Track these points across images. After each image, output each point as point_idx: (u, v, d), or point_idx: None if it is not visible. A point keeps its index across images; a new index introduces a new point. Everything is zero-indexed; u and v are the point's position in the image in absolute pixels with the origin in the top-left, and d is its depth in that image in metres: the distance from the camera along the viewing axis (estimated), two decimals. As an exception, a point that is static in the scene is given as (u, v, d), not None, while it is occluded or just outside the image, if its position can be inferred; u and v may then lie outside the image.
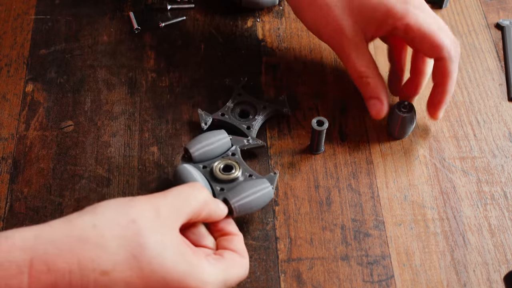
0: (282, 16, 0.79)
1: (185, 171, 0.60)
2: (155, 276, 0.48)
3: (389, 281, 0.59)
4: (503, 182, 0.66)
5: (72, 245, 0.46)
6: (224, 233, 0.57)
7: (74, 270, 0.46)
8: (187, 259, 0.50)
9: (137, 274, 0.47)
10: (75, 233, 0.47)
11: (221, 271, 0.52)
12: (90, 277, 0.46)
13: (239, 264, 0.54)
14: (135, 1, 0.80)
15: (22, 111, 0.70)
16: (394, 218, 0.63)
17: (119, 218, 0.48)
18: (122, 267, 0.47)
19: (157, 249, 0.48)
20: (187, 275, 0.49)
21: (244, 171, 0.62)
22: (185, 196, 0.53)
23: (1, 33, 0.77)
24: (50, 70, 0.74)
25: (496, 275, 0.60)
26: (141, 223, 0.48)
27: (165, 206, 0.51)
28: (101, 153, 0.67)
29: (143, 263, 0.47)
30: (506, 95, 0.73)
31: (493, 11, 0.80)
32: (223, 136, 0.64)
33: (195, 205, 0.53)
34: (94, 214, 0.48)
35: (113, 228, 0.48)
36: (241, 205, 0.58)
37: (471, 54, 0.76)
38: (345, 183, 0.66)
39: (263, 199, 0.59)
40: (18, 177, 0.65)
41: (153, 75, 0.74)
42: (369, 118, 0.70)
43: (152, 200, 0.51)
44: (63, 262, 0.46)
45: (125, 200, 0.50)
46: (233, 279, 0.53)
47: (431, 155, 0.68)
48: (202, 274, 0.50)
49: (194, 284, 0.49)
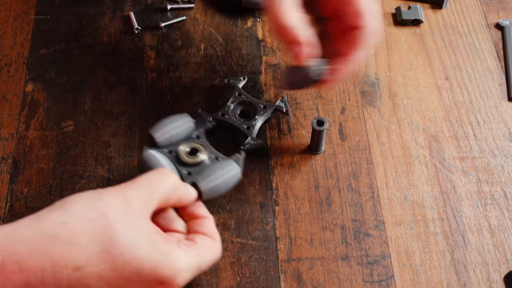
0: (282, 16, 0.79)
1: (151, 157, 0.60)
2: (128, 267, 0.48)
3: (389, 281, 0.59)
4: (503, 182, 0.66)
5: (43, 243, 0.46)
6: (194, 217, 0.57)
7: (46, 268, 0.46)
8: (159, 247, 0.50)
9: (110, 267, 0.48)
10: (45, 231, 0.47)
11: (194, 256, 0.52)
12: (63, 274, 0.47)
13: (211, 247, 0.55)
14: (135, 1, 0.80)
15: (22, 111, 0.70)
16: (394, 218, 0.63)
17: (88, 213, 0.48)
18: (95, 261, 0.47)
19: (129, 240, 0.48)
20: (160, 264, 0.49)
21: (210, 154, 0.62)
22: (154, 182, 0.53)
23: (1, 33, 0.77)
24: (50, 70, 0.74)
25: (496, 275, 0.60)
26: (111, 216, 0.49)
27: (135, 195, 0.51)
28: (101, 153, 0.67)
29: (116, 255, 0.48)
30: (506, 95, 0.73)
31: (493, 11, 0.80)
32: (186, 120, 0.64)
33: (164, 190, 0.53)
34: (63, 210, 0.48)
35: (83, 223, 0.48)
36: (210, 188, 0.58)
37: (471, 54, 0.76)
38: (345, 183, 0.66)
39: (231, 181, 0.60)
40: (18, 177, 0.65)
41: (153, 75, 0.74)
42: (369, 118, 0.70)
43: (121, 190, 0.51)
44: (34, 260, 0.46)
45: (94, 193, 0.51)
46: (206, 263, 0.54)
47: (431, 155, 0.68)
48: (175, 261, 0.50)
49: (168, 272, 0.50)
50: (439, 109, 0.71)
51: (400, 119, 0.70)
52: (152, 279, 0.49)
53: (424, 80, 0.74)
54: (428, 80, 0.74)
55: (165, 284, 0.50)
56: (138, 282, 0.49)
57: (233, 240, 0.62)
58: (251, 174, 0.66)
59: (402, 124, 0.70)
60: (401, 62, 0.75)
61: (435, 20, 0.79)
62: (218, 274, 0.60)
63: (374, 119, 0.70)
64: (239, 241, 0.62)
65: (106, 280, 0.48)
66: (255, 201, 0.64)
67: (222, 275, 0.60)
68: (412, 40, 0.77)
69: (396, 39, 0.77)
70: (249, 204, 0.64)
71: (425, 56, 0.76)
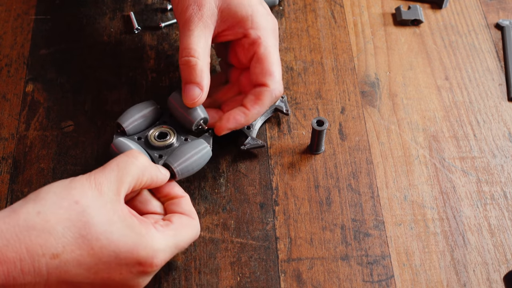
0: (282, 16, 0.79)
1: (120, 143, 0.61)
2: (105, 251, 0.49)
3: (389, 281, 0.60)
4: (503, 182, 0.66)
5: (19, 234, 0.47)
6: (170, 197, 0.58)
7: (24, 258, 0.47)
8: (135, 230, 0.51)
9: (87, 252, 0.49)
10: (20, 223, 0.48)
11: (171, 236, 0.53)
12: (41, 262, 0.48)
13: (189, 226, 0.56)
14: (135, 1, 0.80)
15: (22, 111, 0.70)
16: (394, 218, 0.63)
17: (61, 201, 0.49)
18: (71, 247, 0.48)
19: (104, 225, 0.49)
20: (137, 246, 0.50)
21: (178, 136, 0.63)
22: (123, 165, 0.53)
23: (1, 33, 0.77)
24: (50, 70, 0.74)
25: (496, 275, 0.60)
26: (84, 202, 0.49)
27: (105, 181, 0.52)
28: (101, 153, 0.67)
29: (92, 240, 0.49)
30: (506, 95, 0.73)
31: (493, 11, 0.80)
32: (153, 107, 0.65)
33: (134, 172, 0.54)
34: (37, 201, 0.49)
35: (57, 212, 0.49)
36: (183, 167, 0.59)
37: (471, 54, 0.76)
38: (345, 183, 0.66)
39: (203, 159, 0.61)
40: (18, 177, 0.65)
41: (153, 75, 0.74)
42: (369, 118, 0.70)
43: (92, 177, 0.52)
44: (12, 252, 0.47)
45: (66, 182, 0.51)
46: (184, 242, 0.55)
47: (431, 155, 0.68)
48: (152, 242, 0.51)
49: (145, 253, 0.51)
50: (439, 109, 0.71)
51: (400, 119, 0.70)
52: (130, 261, 0.51)
53: (424, 80, 0.74)
54: (428, 80, 0.74)
55: (143, 265, 0.51)
56: (117, 264, 0.50)
57: (233, 240, 0.62)
58: (251, 174, 0.66)
59: (402, 124, 0.70)
60: (401, 62, 0.75)
61: (435, 20, 0.79)
62: (218, 274, 0.60)
63: (374, 119, 0.70)
64: (239, 241, 0.62)
65: (85, 265, 0.49)
66: (255, 201, 0.64)
67: (222, 275, 0.60)
68: (412, 40, 0.77)
69: (396, 39, 0.78)
70: (249, 204, 0.64)
71: (425, 56, 0.76)
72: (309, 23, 0.79)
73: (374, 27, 0.79)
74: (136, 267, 0.51)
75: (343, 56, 0.76)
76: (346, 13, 0.80)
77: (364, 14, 0.80)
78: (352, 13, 0.80)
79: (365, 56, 0.76)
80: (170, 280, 0.59)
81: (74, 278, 0.50)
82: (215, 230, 0.62)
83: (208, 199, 0.64)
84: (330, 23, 0.79)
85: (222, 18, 0.63)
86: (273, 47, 0.64)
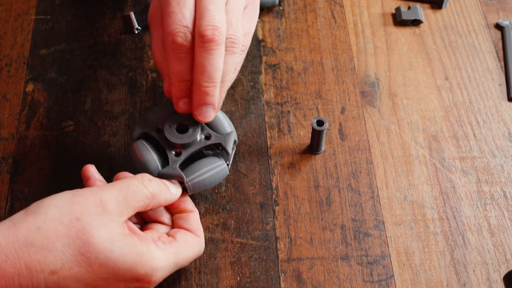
0: (282, 16, 0.79)
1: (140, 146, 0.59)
2: (104, 269, 0.49)
3: (389, 281, 0.60)
4: (502, 182, 0.66)
5: (18, 250, 0.47)
6: (179, 210, 0.58)
7: (23, 273, 0.47)
8: (135, 249, 0.51)
9: (86, 269, 0.49)
10: (20, 238, 0.48)
11: (172, 254, 0.53)
12: (39, 278, 0.48)
13: (192, 243, 0.56)
14: (135, 1, 0.80)
15: (22, 111, 0.70)
16: (394, 218, 0.63)
17: (62, 217, 0.49)
18: (70, 264, 0.48)
19: (104, 244, 0.49)
20: (137, 264, 0.50)
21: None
22: (133, 190, 0.53)
23: (2, 33, 0.77)
24: (50, 70, 0.74)
25: (495, 275, 0.60)
26: (85, 220, 0.49)
27: (112, 199, 0.51)
28: (101, 153, 0.67)
29: (91, 258, 0.49)
30: (505, 95, 0.73)
31: (493, 11, 0.80)
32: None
33: (143, 200, 0.54)
34: (37, 214, 0.49)
35: (57, 228, 0.48)
36: (195, 183, 0.58)
37: (471, 54, 0.76)
38: (345, 183, 0.66)
39: (218, 176, 0.60)
40: (19, 177, 0.65)
41: (153, 75, 0.74)
42: (369, 118, 0.70)
43: (98, 193, 0.51)
44: (10, 267, 0.47)
45: (69, 194, 0.51)
46: (186, 260, 0.55)
47: (431, 155, 0.68)
48: (151, 260, 0.51)
49: (143, 271, 0.51)
50: (439, 109, 0.71)
51: (400, 119, 0.70)
52: (128, 278, 0.51)
53: (424, 80, 0.74)
54: (428, 80, 0.74)
55: (141, 281, 0.51)
56: (115, 280, 0.50)
57: (233, 240, 0.62)
58: (251, 174, 0.66)
59: (402, 124, 0.70)
60: (401, 62, 0.75)
61: (435, 20, 0.79)
62: (218, 274, 0.60)
63: (374, 119, 0.70)
64: (239, 241, 0.62)
65: (83, 281, 0.49)
66: (255, 201, 0.64)
67: (222, 275, 0.60)
68: (412, 40, 0.77)
69: (396, 39, 0.78)
70: (249, 204, 0.64)
71: (425, 56, 0.76)
72: (309, 23, 0.79)
73: (374, 27, 0.79)
74: (134, 283, 0.51)
75: (343, 56, 0.76)
76: (346, 13, 0.80)
77: (364, 14, 0.80)
78: (352, 13, 0.80)
79: (365, 56, 0.76)
80: (170, 280, 0.59)
81: None
82: (215, 230, 0.62)
83: (208, 199, 0.64)
84: (330, 23, 0.79)
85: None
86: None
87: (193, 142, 0.60)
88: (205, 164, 0.59)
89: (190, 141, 0.59)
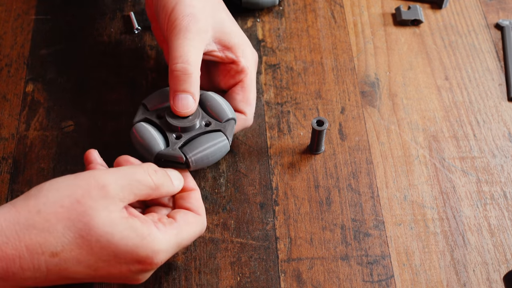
0: (282, 16, 0.79)
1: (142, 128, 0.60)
2: (105, 252, 0.50)
3: (389, 281, 0.60)
4: (502, 182, 0.66)
5: (19, 232, 0.48)
6: (182, 189, 0.58)
7: (24, 255, 0.48)
8: (136, 232, 0.51)
9: (87, 252, 0.49)
10: (21, 221, 0.48)
11: (173, 235, 0.53)
12: (40, 260, 0.48)
13: (193, 223, 0.56)
14: (135, 1, 0.80)
15: (22, 111, 0.70)
16: (394, 218, 0.63)
17: (63, 200, 0.49)
18: (71, 247, 0.49)
19: (105, 227, 0.49)
20: (138, 247, 0.51)
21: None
22: (138, 178, 0.53)
23: (2, 33, 0.77)
24: (50, 70, 0.74)
25: (495, 275, 0.60)
26: (86, 202, 0.49)
27: (114, 184, 0.51)
28: (101, 153, 0.67)
29: (92, 241, 0.49)
30: (505, 95, 0.73)
31: (493, 11, 0.80)
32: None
33: (144, 189, 0.53)
34: (38, 197, 0.50)
35: (57, 211, 0.49)
36: (198, 158, 0.59)
37: (471, 54, 0.76)
38: (345, 183, 0.66)
39: (220, 152, 0.60)
40: (19, 177, 0.65)
41: (153, 75, 0.74)
42: (369, 118, 0.70)
43: (100, 177, 0.51)
44: (11, 249, 0.48)
45: (71, 177, 0.51)
46: (187, 240, 0.55)
47: (431, 155, 0.68)
48: (153, 243, 0.51)
49: (145, 254, 0.51)
50: (439, 109, 0.71)
51: (400, 119, 0.70)
52: (130, 260, 0.51)
53: (424, 80, 0.74)
54: (428, 80, 0.74)
55: (143, 263, 0.52)
56: (116, 262, 0.51)
57: (233, 240, 0.62)
58: (251, 174, 0.66)
59: (402, 124, 0.70)
60: (401, 62, 0.75)
61: (435, 20, 0.79)
62: (218, 274, 0.60)
63: (374, 119, 0.70)
64: (239, 241, 0.62)
65: (84, 263, 0.50)
66: (255, 201, 0.64)
67: (222, 275, 0.60)
68: (412, 40, 0.77)
69: (396, 39, 0.78)
70: (249, 204, 0.64)
71: (425, 56, 0.76)
72: (309, 23, 0.79)
73: (374, 27, 0.79)
74: (136, 265, 0.52)
75: (343, 56, 0.76)
76: (346, 13, 0.80)
77: (364, 14, 0.80)
78: (352, 13, 0.80)
79: (365, 56, 0.76)
80: (170, 280, 0.59)
81: (73, 274, 0.50)
82: (215, 230, 0.62)
83: (208, 199, 0.64)
84: (330, 23, 0.79)
85: (215, 39, 0.63)
86: (255, 79, 0.66)
87: (193, 126, 0.60)
88: (206, 139, 0.60)
89: (191, 125, 0.60)
